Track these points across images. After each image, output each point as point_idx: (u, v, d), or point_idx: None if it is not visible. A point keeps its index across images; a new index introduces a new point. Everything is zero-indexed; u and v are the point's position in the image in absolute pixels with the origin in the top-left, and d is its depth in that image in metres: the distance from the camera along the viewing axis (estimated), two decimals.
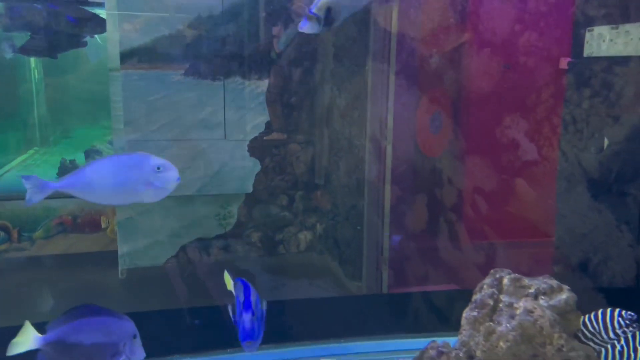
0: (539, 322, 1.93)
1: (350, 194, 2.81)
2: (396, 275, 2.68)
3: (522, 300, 1.95)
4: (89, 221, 2.59)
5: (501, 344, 1.84)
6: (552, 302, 2.02)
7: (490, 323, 1.90)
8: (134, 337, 1.44)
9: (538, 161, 2.69)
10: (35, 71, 2.99)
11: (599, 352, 2.43)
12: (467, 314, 1.93)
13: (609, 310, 2.17)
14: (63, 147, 2.91)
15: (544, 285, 2.06)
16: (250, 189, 2.74)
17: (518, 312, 1.91)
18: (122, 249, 2.52)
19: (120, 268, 2.50)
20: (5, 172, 2.73)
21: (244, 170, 2.73)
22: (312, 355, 1.94)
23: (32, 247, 2.48)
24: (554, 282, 2.09)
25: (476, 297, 1.99)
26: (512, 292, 2.04)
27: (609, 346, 2.45)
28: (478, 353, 1.86)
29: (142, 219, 2.57)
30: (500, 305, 1.93)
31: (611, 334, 2.15)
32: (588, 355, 2.07)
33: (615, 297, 2.34)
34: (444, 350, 1.90)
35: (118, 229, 2.52)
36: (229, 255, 2.77)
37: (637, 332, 2.50)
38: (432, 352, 1.90)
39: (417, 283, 2.70)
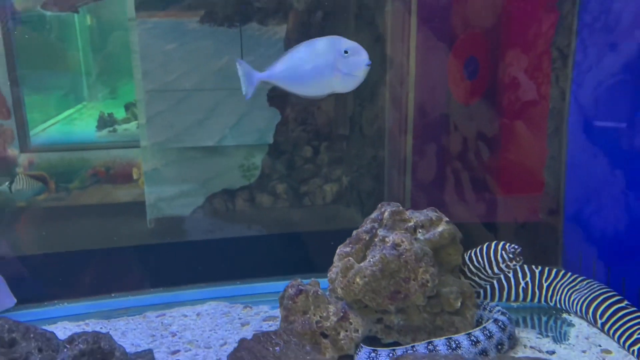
0: (403, 257, 1.77)
1: (372, 145, 2.73)
2: None
3: (393, 233, 1.81)
4: (121, 172, 2.61)
5: (357, 279, 1.72)
6: (427, 236, 1.86)
7: (350, 258, 1.78)
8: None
9: None
10: (82, 28, 3.08)
11: (487, 289, 2.25)
12: (340, 249, 1.82)
13: (493, 243, 1.99)
14: (109, 102, 2.99)
15: (422, 218, 1.90)
16: (270, 140, 2.69)
17: (387, 246, 1.77)
18: (149, 199, 2.55)
19: (148, 217, 2.53)
20: (51, 125, 2.83)
21: (264, 121, 2.68)
22: None
23: (69, 197, 2.53)
24: (434, 215, 1.93)
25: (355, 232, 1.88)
26: (391, 225, 1.89)
27: (514, 281, 2.28)
28: (339, 290, 1.75)
29: (168, 170, 2.58)
30: (376, 239, 1.81)
31: (495, 269, 1.96)
32: (463, 291, 1.89)
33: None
34: (303, 288, 1.80)
35: (145, 179, 2.54)
36: (254, 206, 2.76)
37: (547, 269, 2.30)
38: (292, 291, 1.80)
39: None
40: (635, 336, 1.84)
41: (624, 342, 1.86)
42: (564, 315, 2.17)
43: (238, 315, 2.06)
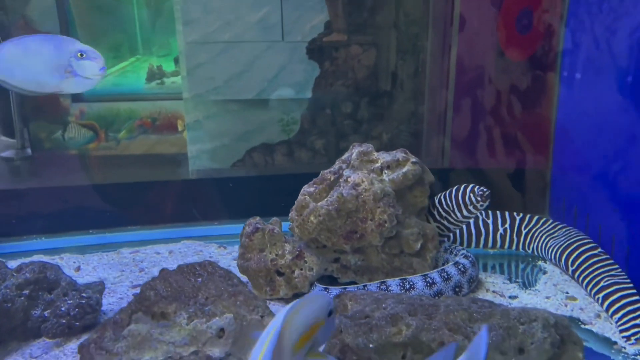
0: (362, 197, 1.74)
1: (412, 100, 2.66)
2: None
3: (355, 173, 1.78)
4: (166, 124, 2.64)
5: (312, 218, 1.70)
6: (391, 176, 1.82)
7: (305, 197, 1.76)
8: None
9: None
10: None
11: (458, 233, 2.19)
12: (304, 189, 1.80)
13: (462, 186, 1.93)
14: (162, 55, 3.00)
15: (389, 159, 1.85)
16: (309, 94, 2.64)
17: (347, 185, 1.75)
18: (191, 151, 2.57)
19: (190, 169, 2.56)
20: (106, 76, 2.90)
21: (303, 75, 2.62)
22: None
23: (117, 147, 2.58)
24: (402, 156, 1.88)
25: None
26: (357, 166, 1.85)
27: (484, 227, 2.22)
28: (295, 229, 1.74)
29: (209, 122, 2.59)
30: (341, 180, 1.78)
31: (464, 212, 1.91)
32: (425, 233, 1.86)
33: None
34: (260, 226, 1.79)
35: (187, 131, 2.57)
36: (293, 161, 2.71)
37: (528, 216, 2.23)
38: (249, 228, 1.81)
39: None
40: (601, 283, 1.80)
41: (591, 289, 1.82)
42: (540, 262, 2.13)
43: (209, 254, 2.10)
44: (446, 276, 1.77)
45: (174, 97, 2.60)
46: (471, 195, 1.88)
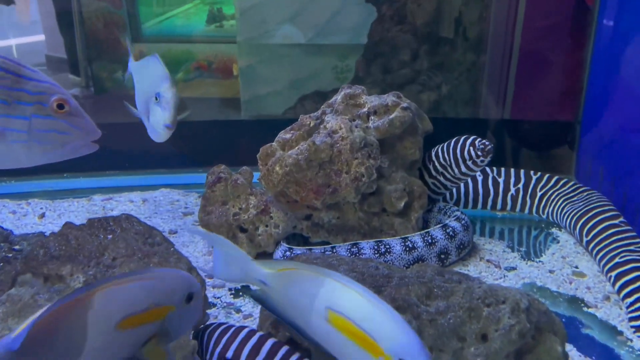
0: (337, 145, 1.50)
1: (473, 49, 2.42)
2: None
3: (334, 118, 1.55)
4: (222, 67, 2.56)
5: (277, 168, 1.48)
6: (377, 123, 1.57)
7: (271, 144, 1.54)
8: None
9: None
10: None
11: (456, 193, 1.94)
12: (279, 136, 1.59)
13: (462, 137, 1.66)
14: None
15: (377, 103, 1.61)
16: (364, 40, 2.45)
17: (324, 132, 1.51)
18: (244, 96, 2.49)
19: (242, 113, 2.48)
20: (168, 17, 2.77)
21: (359, 19, 2.45)
22: None
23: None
24: (392, 100, 1.64)
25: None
26: (342, 110, 1.62)
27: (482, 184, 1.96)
28: (261, 181, 1.55)
29: (262, 67, 2.49)
30: (321, 126, 1.55)
31: (462, 168, 1.65)
32: (411, 190, 1.61)
33: None
34: (223, 176, 1.59)
35: (240, 76, 2.49)
36: None
37: (546, 176, 1.94)
38: (211, 178, 1.63)
39: None
40: (616, 259, 1.53)
41: (604, 265, 1.57)
42: (554, 230, 1.88)
43: (185, 204, 1.95)
44: (430, 240, 1.55)
45: (230, 40, 2.52)
46: (471, 148, 1.64)
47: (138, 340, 0.74)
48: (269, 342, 1.06)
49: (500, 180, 1.99)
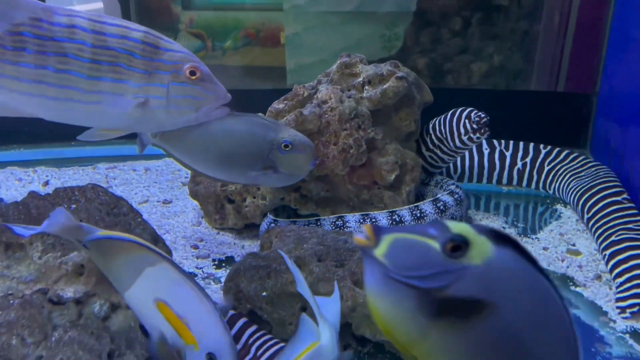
0: (326, 116, 1.46)
1: (526, 18, 2.32)
2: None
3: (326, 88, 1.50)
4: (270, 36, 2.54)
5: None
6: (370, 93, 1.52)
7: (260, 114, 1.49)
8: None
9: None
10: None
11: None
12: (272, 106, 1.57)
13: (458, 110, 1.58)
14: None
15: (372, 73, 1.55)
16: (413, 8, 2.37)
17: (314, 103, 1.47)
18: (289, 64, 2.47)
19: (287, 82, 2.46)
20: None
21: None
22: None
23: (223, 57, 2.55)
24: (387, 69, 1.59)
25: None
26: (337, 80, 1.58)
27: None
28: None
29: (308, 35, 2.46)
30: (316, 95, 1.51)
31: (457, 141, 1.58)
32: (404, 163, 1.56)
33: None
34: None
35: (286, 44, 2.46)
36: None
37: (556, 150, 1.83)
38: None
39: None
40: (612, 238, 1.47)
41: (600, 242, 1.51)
42: (558, 206, 1.81)
43: (186, 175, 1.97)
44: (419, 214, 1.52)
45: (277, 8, 2.50)
46: (466, 121, 1.59)
47: None
48: (228, 315, 1.07)
49: (508, 153, 1.93)
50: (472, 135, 1.58)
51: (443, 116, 1.67)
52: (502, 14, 2.34)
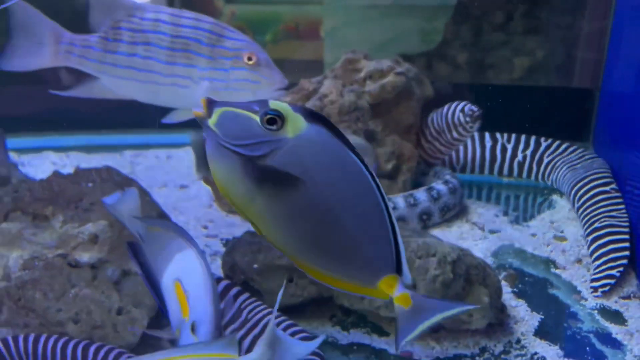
0: (327, 109, 1.58)
1: (570, 12, 2.27)
2: None
3: (328, 82, 1.60)
4: (309, 29, 2.56)
5: None
6: (369, 88, 1.62)
7: None
8: None
9: None
10: None
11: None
12: (279, 99, 1.66)
13: (454, 103, 1.65)
14: None
15: (373, 68, 1.66)
16: (453, 1, 2.32)
17: (316, 96, 1.58)
18: (328, 58, 2.46)
19: None
20: None
21: None
22: None
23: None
24: (387, 65, 1.72)
25: None
26: (341, 75, 1.70)
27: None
28: None
29: (347, 29, 2.46)
30: (320, 90, 1.62)
31: (453, 133, 1.66)
32: (401, 154, 1.65)
33: None
34: None
35: (325, 38, 2.46)
36: (431, 75, 2.34)
37: (556, 143, 1.87)
38: None
39: None
40: (595, 224, 1.55)
41: (585, 229, 1.59)
42: (555, 196, 1.89)
43: None
44: (412, 201, 1.63)
45: (317, 2, 2.52)
46: (460, 115, 1.69)
47: None
48: (222, 283, 1.21)
49: (509, 146, 2.01)
50: (466, 127, 1.68)
51: (440, 109, 1.77)
52: (545, 8, 2.30)
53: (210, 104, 0.73)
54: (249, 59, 1.15)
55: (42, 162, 2.10)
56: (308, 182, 0.72)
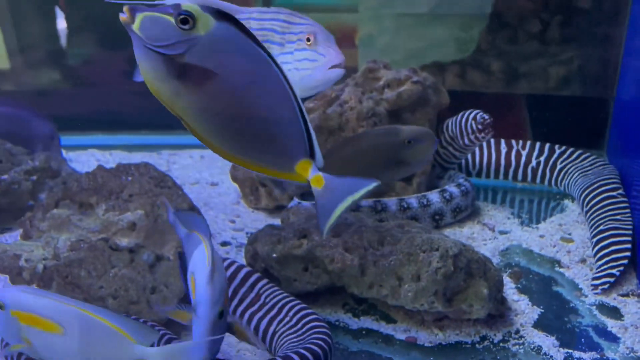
0: (346, 114, 1.69)
1: (607, 21, 2.25)
2: None
3: (348, 90, 1.70)
4: (344, 37, 2.56)
5: None
6: (386, 95, 1.71)
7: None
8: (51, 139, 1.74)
9: None
10: None
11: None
12: (305, 104, 1.76)
13: (468, 111, 1.73)
14: None
15: (391, 77, 1.77)
16: (489, 9, 2.33)
17: (338, 102, 1.69)
18: (362, 65, 2.36)
19: None
20: None
21: None
22: None
23: None
24: (405, 74, 1.82)
25: None
26: (361, 83, 1.81)
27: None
28: None
29: (382, 37, 2.50)
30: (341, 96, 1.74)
31: (465, 140, 1.74)
32: None
33: None
34: None
35: (359, 45, 2.50)
36: (465, 83, 2.42)
37: (569, 150, 1.92)
38: None
39: None
40: (600, 227, 1.63)
41: (591, 231, 1.67)
42: (566, 201, 1.96)
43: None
44: (425, 202, 1.73)
45: (352, 9, 2.56)
46: (472, 122, 1.79)
47: None
48: (244, 270, 1.33)
49: (524, 152, 2.09)
50: (477, 134, 1.78)
51: (454, 117, 1.87)
52: (583, 17, 2.29)
53: (132, 11, 0.84)
54: (308, 39, 1.25)
55: (88, 158, 2.27)
56: (222, 75, 0.85)
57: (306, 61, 1.27)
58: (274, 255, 1.34)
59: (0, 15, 2.45)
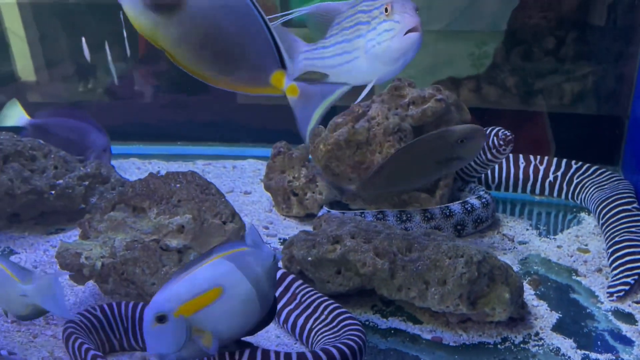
0: (373, 130, 1.78)
1: (622, 38, 2.30)
2: None
3: (375, 106, 1.80)
4: None
5: (321, 146, 1.81)
6: (411, 112, 1.80)
7: (320, 126, 1.82)
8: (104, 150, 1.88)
9: None
10: None
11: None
12: (333, 120, 1.91)
13: (489, 128, 1.81)
14: None
15: (416, 95, 1.87)
16: (504, 26, 2.38)
17: (364, 118, 1.79)
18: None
19: (372, 97, 2.45)
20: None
21: (499, 5, 2.39)
22: None
23: None
24: (429, 92, 1.91)
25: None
26: (387, 100, 1.90)
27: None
28: (311, 154, 1.92)
29: None
30: (368, 112, 1.84)
31: (488, 155, 1.83)
32: None
33: None
34: (282, 150, 1.96)
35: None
36: (480, 98, 2.46)
37: (586, 165, 2.02)
38: (274, 151, 2.02)
39: None
40: (616, 238, 1.72)
41: (607, 243, 1.76)
42: (583, 214, 2.05)
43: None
44: (448, 213, 1.83)
45: None
46: (494, 138, 1.89)
47: None
48: (280, 272, 1.44)
49: (541, 167, 2.19)
50: (499, 149, 1.88)
51: None
52: (597, 34, 2.34)
53: None
54: (386, 10, 1.27)
55: (129, 166, 2.41)
56: (191, 3, 0.96)
57: (385, 33, 1.28)
58: (309, 258, 1.44)
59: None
